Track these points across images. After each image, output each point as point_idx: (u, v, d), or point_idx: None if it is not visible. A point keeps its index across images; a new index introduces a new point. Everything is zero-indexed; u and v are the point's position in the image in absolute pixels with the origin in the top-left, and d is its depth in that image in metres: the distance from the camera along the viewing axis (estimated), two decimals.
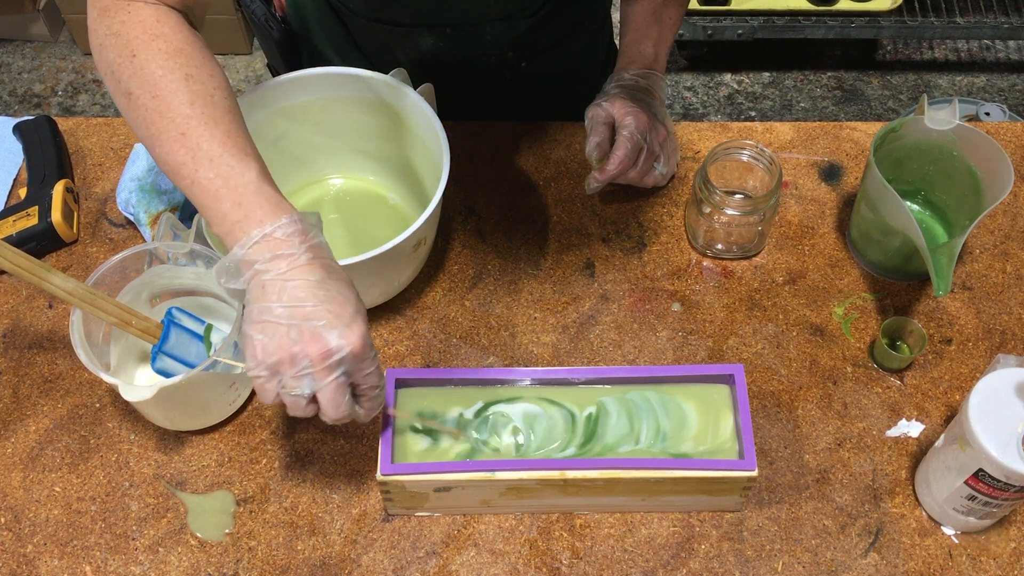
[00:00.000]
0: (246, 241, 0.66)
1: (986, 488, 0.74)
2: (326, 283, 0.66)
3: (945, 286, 0.83)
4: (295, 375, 0.66)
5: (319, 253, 0.67)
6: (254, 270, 0.66)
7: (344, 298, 0.66)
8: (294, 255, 0.66)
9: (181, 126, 0.69)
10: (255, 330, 0.66)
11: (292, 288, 0.65)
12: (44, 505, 0.84)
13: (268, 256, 0.66)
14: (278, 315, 0.65)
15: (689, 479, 0.77)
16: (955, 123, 0.92)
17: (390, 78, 0.92)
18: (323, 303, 0.65)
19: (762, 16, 2.28)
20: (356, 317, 0.66)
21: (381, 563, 0.81)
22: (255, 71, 2.48)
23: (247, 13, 1.08)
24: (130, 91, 0.71)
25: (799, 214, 1.02)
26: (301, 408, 0.68)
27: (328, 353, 0.65)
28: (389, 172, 1.03)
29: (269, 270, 0.66)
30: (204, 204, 0.69)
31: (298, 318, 0.65)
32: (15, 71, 2.49)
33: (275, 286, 0.65)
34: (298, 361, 0.65)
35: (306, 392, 0.67)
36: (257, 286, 0.66)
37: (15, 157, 1.08)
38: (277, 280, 0.65)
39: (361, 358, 0.67)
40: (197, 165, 0.68)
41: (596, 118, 0.95)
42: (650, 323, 0.94)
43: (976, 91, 2.42)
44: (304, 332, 0.65)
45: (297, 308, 0.65)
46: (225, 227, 0.67)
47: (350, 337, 0.65)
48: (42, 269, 0.74)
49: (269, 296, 0.65)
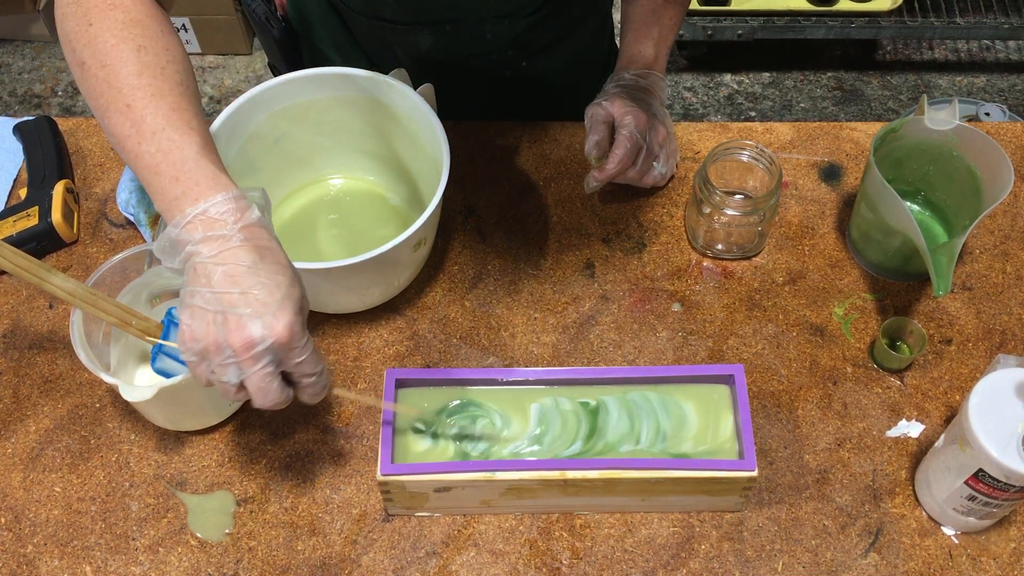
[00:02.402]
0: (180, 220, 0.64)
1: (986, 488, 0.74)
2: (256, 268, 0.64)
3: (945, 286, 0.83)
4: (221, 363, 0.65)
5: (253, 234, 0.65)
6: (187, 251, 0.65)
7: (274, 284, 0.64)
8: (225, 236, 0.64)
9: (127, 97, 0.67)
10: (185, 314, 0.65)
11: (220, 273, 0.64)
12: (44, 505, 0.84)
13: (200, 236, 0.64)
14: (206, 300, 0.64)
15: (689, 479, 0.77)
16: (955, 123, 0.92)
17: (390, 78, 0.92)
18: (250, 290, 0.64)
19: (762, 16, 2.28)
20: (284, 304, 0.64)
21: (381, 563, 0.81)
22: (255, 71, 2.48)
23: (248, 12, 1.08)
24: (83, 60, 0.69)
25: (799, 214, 1.02)
26: (231, 394, 0.67)
27: (251, 343, 0.63)
28: (389, 172, 1.03)
29: (200, 252, 0.64)
30: (147, 180, 0.67)
31: (224, 305, 0.63)
32: (15, 71, 2.49)
33: (205, 269, 0.64)
34: (222, 350, 0.64)
35: (233, 380, 0.65)
36: (190, 268, 0.65)
37: (15, 157, 1.08)
38: (207, 263, 0.64)
39: (288, 347, 0.65)
40: (140, 139, 0.67)
41: (596, 117, 0.95)
42: (650, 323, 0.94)
43: (976, 91, 2.42)
44: (229, 320, 0.63)
45: (224, 294, 0.63)
46: (164, 204, 0.66)
47: (275, 327, 0.64)
48: (42, 269, 0.74)
49: (199, 279, 0.64)
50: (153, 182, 0.67)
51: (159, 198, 0.66)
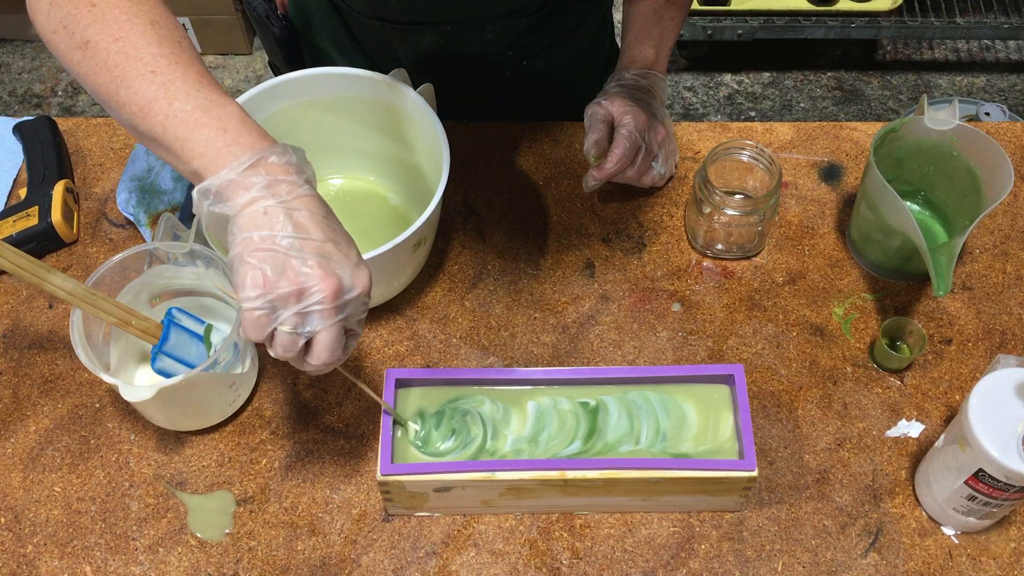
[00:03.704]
0: (237, 164, 0.60)
1: (986, 488, 0.74)
2: (331, 220, 0.62)
3: (945, 286, 0.83)
4: (301, 311, 0.60)
5: (315, 189, 0.63)
6: (251, 196, 0.60)
7: (349, 238, 0.63)
8: (295, 183, 0.61)
9: (150, 64, 0.63)
10: (258, 258, 0.59)
11: (299, 217, 0.60)
12: (44, 505, 0.84)
13: (264, 181, 0.60)
14: (285, 245, 0.59)
15: (689, 479, 0.77)
16: (955, 123, 0.92)
17: (390, 78, 0.92)
18: (331, 239, 0.61)
19: (762, 16, 2.28)
20: (361, 258, 0.63)
21: (381, 563, 0.81)
22: (255, 71, 2.48)
23: (248, 10, 1.08)
24: (88, 39, 0.65)
25: (799, 214, 1.02)
26: (295, 349, 0.62)
27: (340, 291, 0.60)
28: (389, 172, 1.03)
29: (266, 196, 0.60)
30: (181, 136, 0.62)
31: (308, 251, 0.60)
32: (15, 71, 2.49)
33: (278, 214, 0.60)
34: (307, 296, 0.60)
35: (308, 330, 0.61)
36: (256, 211, 0.60)
37: (15, 157, 1.08)
38: (279, 207, 0.60)
39: (364, 300, 0.63)
40: (171, 99, 0.62)
41: (595, 116, 0.95)
42: (650, 323, 0.94)
43: (976, 91, 2.42)
44: (316, 266, 0.60)
45: (307, 240, 0.60)
46: (209, 155, 0.61)
47: (361, 277, 0.62)
48: (42, 269, 0.74)
49: (274, 224, 0.60)
50: (191, 137, 0.62)
51: (202, 150, 0.61)
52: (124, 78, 0.64)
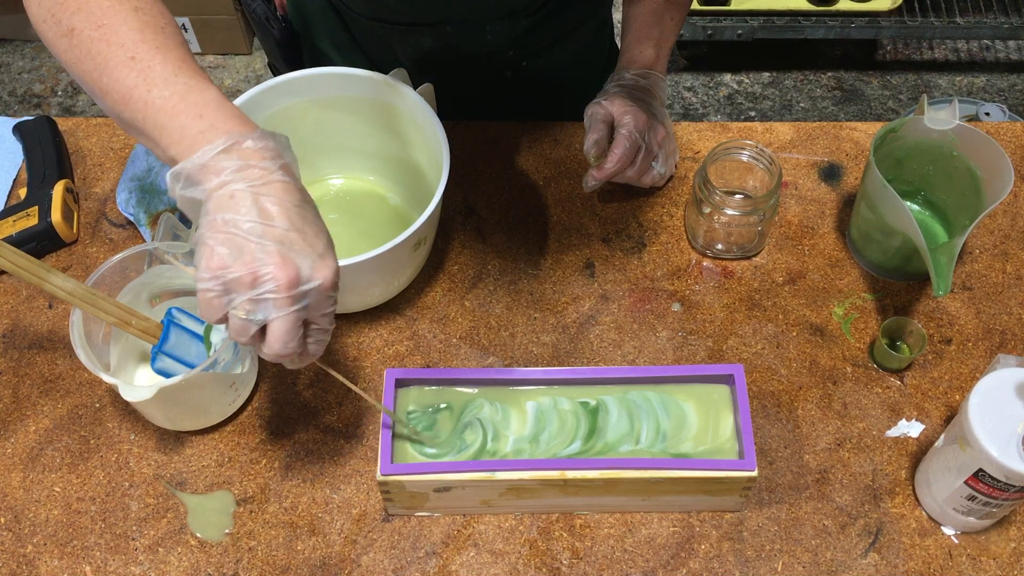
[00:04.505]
0: (211, 147, 0.59)
1: (986, 488, 0.74)
2: (302, 208, 0.61)
3: (945, 286, 0.83)
4: (254, 297, 0.59)
5: (293, 175, 0.62)
6: (220, 179, 0.59)
7: (319, 228, 0.62)
8: (268, 168, 0.60)
9: (131, 51, 0.63)
10: (216, 240, 0.59)
11: (265, 203, 0.59)
12: (44, 505, 0.84)
13: (237, 165, 0.59)
14: (246, 229, 0.58)
15: (689, 479, 0.77)
16: (955, 123, 0.92)
17: (390, 78, 0.92)
18: (297, 228, 0.60)
19: (762, 16, 2.28)
20: (328, 250, 0.61)
21: (381, 563, 0.81)
22: (255, 71, 2.48)
23: (248, 11, 1.08)
24: (72, 27, 0.65)
25: (799, 214, 1.02)
26: (248, 334, 0.61)
27: (296, 280, 0.59)
28: (389, 172, 1.03)
29: (237, 179, 0.59)
30: (159, 124, 0.61)
31: (268, 238, 0.59)
32: (15, 71, 2.49)
33: (245, 198, 0.59)
34: (261, 283, 0.59)
35: (260, 318, 0.60)
36: (224, 195, 0.59)
37: (15, 157, 1.08)
38: (248, 191, 0.59)
39: (327, 293, 0.62)
40: (150, 86, 0.62)
41: (595, 116, 0.95)
42: (650, 323, 0.94)
43: (976, 91, 2.42)
44: (275, 254, 0.59)
45: (268, 227, 0.59)
46: (185, 142, 0.60)
47: (322, 269, 0.60)
48: (42, 269, 0.74)
49: (238, 207, 0.59)
50: (169, 124, 0.61)
51: (179, 137, 0.61)
52: (106, 65, 0.64)
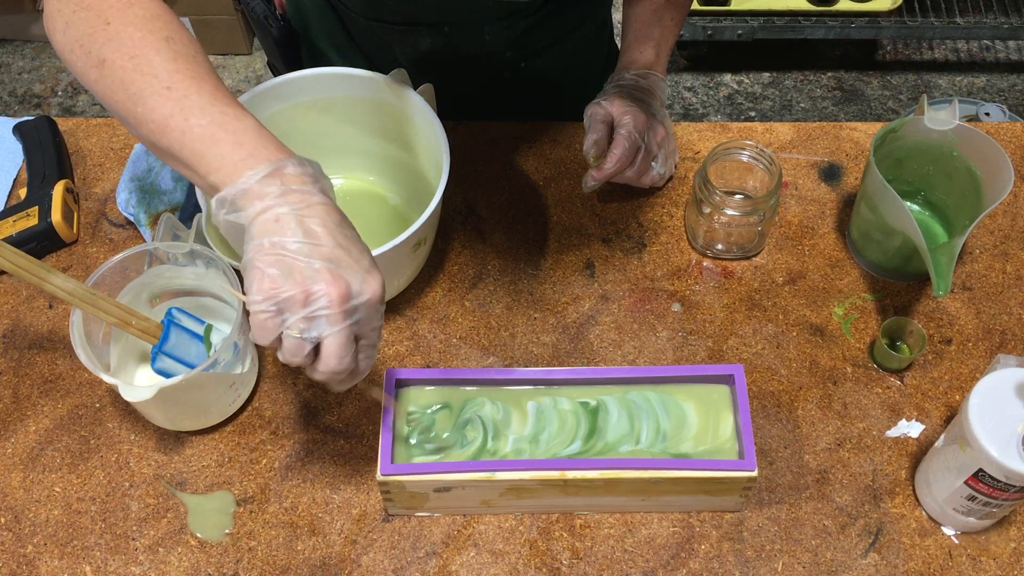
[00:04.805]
0: (252, 175, 0.61)
1: (986, 488, 0.74)
2: (344, 228, 0.63)
3: (945, 286, 0.83)
4: (307, 315, 0.61)
5: (332, 199, 0.64)
6: (264, 204, 0.61)
7: (362, 246, 0.64)
8: (309, 192, 0.62)
9: (165, 81, 0.65)
10: (266, 262, 0.60)
11: (310, 224, 0.61)
12: (44, 505, 0.84)
13: (279, 190, 0.61)
14: (294, 250, 0.60)
15: (689, 479, 0.77)
16: (955, 123, 0.92)
17: (390, 78, 0.92)
18: (342, 246, 0.62)
19: (762, 16, 2.28)
20: (374, 266, 0.63)
21: (381, 563, 0.81)
22: (255, 71, 2.48)
23: (247, 11, 1.08)
24: (104, 58, 0.67)
25: (799, 214, 1.02)
26: (302, 354, 0.62)
27: (347, 295, 0.61)
28: (389, 172, 1.03)
29: (280, 204, 0.61)
30: (198, 152, 0.63)
31: (317, 256, 0.61)
32: (15, 71, 2.49)
33: (290, 220, 0.61)
34: (313, 300, 0.60)
35: (314, 335, 0.62)
36: (269, 219, 0.61)
37: (15, 157, 1.08)
38: (292, 214, 0.61)
39: (377, 307, 0.63)
40: (188, 115, 0.64)
41: (595, 116, 0.95)
42: (650, 323, 0.94)
43: (976, 91, 2.42)
44: (325, 272, 0.60)
45: (316, 246, 0.61)
46: (226, 170, 0.62)
47: (371, 283, 0.62)
48: (42, 269, 0.74)
49: (284, 230, 0.61)
50: (208, 152, 0.63)
51: (218, 164, 0.63)
52: (140, 95, 0.65)
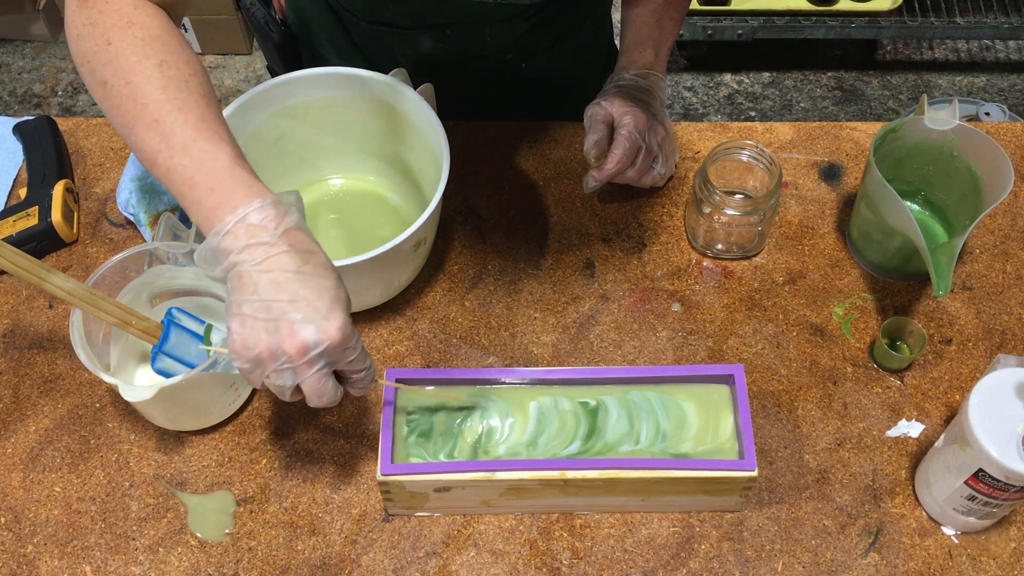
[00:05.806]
0: (220, 229, 0.65)
1: (986, 488, 0.74)
2: (303, 273, 0.65)
3: (945, 286, 0.83)
4: (276, 368, 0.66)
5: (295, 238, 0.66)
6: (229, 261, 0.65)
7: (322, 288, 0.65)
8: (268, 243, 0.65)
9: (155, 112, 0.68)
10: (235, 323, 0.65)
11: (267, 280, 0.64)
12: (44, 505, 0.84)
13: (241, 245, 0.64)
14: (255, 308, 0.64)
15: (689, 479, 0.77)
16: (955, 123, 0.92)
17: (390, 78, 0.92)
18: (300, 295, 0.64)
19: (762, 16, 2.28)
20: (334, 307, 0.65)
21: (381, 563, 0.81)
22: (255, 71, 2.48)
23: (247, 15, 1.08)
24: (105, 79, 0.70)
25: (799, 214, 1.02)
26: (287, 396, 0.68)
27: (305, 348, 0.64)
28: (389, 172, 1.03)
29: (244, 260, 0.65)
30: (182, 192, 0.68)
31: (275, 312, 0.64)
32: (15, 71, 2.49)
33: (251, 278, 0.64)
34: (278, 356, 0.65)
35: (288, 384, 0.67)
36: (235, 276, 0.65)
37: (15, 157, 1.08)
38: (252, 271, 0.64)
39: (342, 348, 0.66)
40: (172, 153, 0.67)
41: (595, 116, 0.95)
42: (650, 323, 0.94)
43: (976, 91, 2.42)
44: (281, 327, 0.64)
45: (273, 302, 0.64)
46: (202, 215, 0.66)
47: (328, 330, 0.64)
48: (42, 269, 0.74)
49: (245, 288, 0.65)
50: (188, 195, 0.67)
51: (196, 209, 0.67)
52: (134, 126, 0.69)
